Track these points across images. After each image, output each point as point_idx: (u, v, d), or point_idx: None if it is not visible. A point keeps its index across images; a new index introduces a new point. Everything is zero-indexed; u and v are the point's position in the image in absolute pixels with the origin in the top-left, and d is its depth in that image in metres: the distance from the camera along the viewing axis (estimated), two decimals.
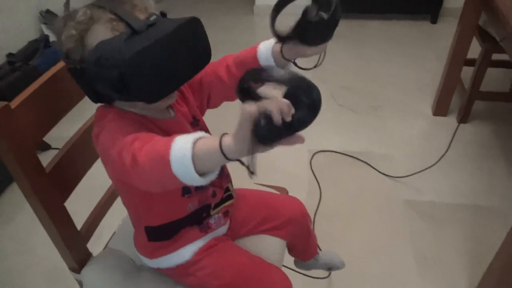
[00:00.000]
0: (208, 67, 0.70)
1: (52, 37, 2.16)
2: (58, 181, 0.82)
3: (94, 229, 0.96)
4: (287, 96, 0.51)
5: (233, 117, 0.52)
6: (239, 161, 0.54)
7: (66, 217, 0.86)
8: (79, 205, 0.99)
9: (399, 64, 2.52)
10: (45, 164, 0.80)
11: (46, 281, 1.46)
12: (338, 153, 1.92)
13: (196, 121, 0.83)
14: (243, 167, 0.53)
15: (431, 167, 1.80)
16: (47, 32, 2.25)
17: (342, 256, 1.22)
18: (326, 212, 1.64)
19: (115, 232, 1.01)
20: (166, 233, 0.83)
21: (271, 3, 0.70)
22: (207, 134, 0.57)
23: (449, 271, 1.42)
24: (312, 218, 1.60)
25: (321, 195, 1.71)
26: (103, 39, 0.61)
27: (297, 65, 0.76)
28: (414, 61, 2.55)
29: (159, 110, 0.75)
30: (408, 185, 1.75)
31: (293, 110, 0.49)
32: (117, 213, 1.01)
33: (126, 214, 0.92)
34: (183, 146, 0.54)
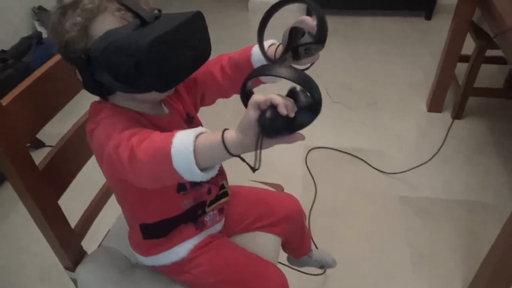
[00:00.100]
0: (203, 66, 0.71)
1: (45, 34, 2.15)
2: (52, 178, 0.81)
3: (89, 227, 0.95)
4: (289, 96, 0.53)
5: (228, 115, 0.51)
6: (240, 157, 0.54)
7: (60, 215, 0.85)
8: (73, 203, 0.98)
9: (393, 61, 2.52)
10: (39, 162, 0.79)
11: (41, 280, 1.45)
12: (333, 149, 1.92)
13: (191, 118, 0.83)
14: (241, 166, 0.53)
15: (425, 163, 1.80)
16: (39, 29, 2.23)
17: (337, 252, 1.22)
18: (321, 209, 1.64)
19: (109, 230, 1.01)
20: (161, 230, 0.83)
21: None
22: (208, 130, 0.57)
23: (443, 266, 1.43)
24: (307, 214, 1.61)
25: (316, 191, 1.71)
26: (110, 28, 0.62)
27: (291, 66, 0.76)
28: (408, 57, 2.55)
29: (155, 105, 0.75)
30: (403, 181, 1.75)
31: (295, 108, 0.51)
32: (111, 211, 1.01)
33: (120, 212, 0.91)
34: (185, 140, 0.54)
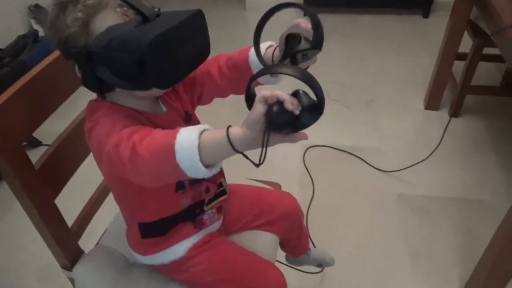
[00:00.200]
0: (202, 65, 0.71)
1: (41, 32, 2.13)
2: (48, 177, 0.81)
3: (86, 226, 0.95)
4: (292, 95, 0.54)
5: (225, 114, 0.52)
6: (243, 154, 0.54)
7: (56, 215, 0.85)
8: (70, 202, 0.97)
9: (391, 59, 2.53)
10: (35, 160, 0.79)
11: (38, 279, 1.45)
12: (331, 147, 1.92)
13: (189, 116, 0.82)
14: (238, 164, 0.53)
15: (423, 161, 1.81)
16: (36, 27, 2.22)
17: (335, 250, 1.22)
18: (319, 207, 1.64)
19: (107, 229, 1.00)
20: (159, 229, 0.83)
21: None
22: (211, 127, 0.57)
23: (440, 264, 1.44)
24: (305, 213, 1.61)
25: (314, 190, 1.71)
26: (111, 24, 0.62)
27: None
28: (406, 55, 2.55)
29: (153, 103, 0.75)
30: (401, 179, 1.76)
31: (300, 107, 0.53)
32: (109, 210, 1.00)
33: (118, 211, 0.91)
34: (190, 137, 0.54)
